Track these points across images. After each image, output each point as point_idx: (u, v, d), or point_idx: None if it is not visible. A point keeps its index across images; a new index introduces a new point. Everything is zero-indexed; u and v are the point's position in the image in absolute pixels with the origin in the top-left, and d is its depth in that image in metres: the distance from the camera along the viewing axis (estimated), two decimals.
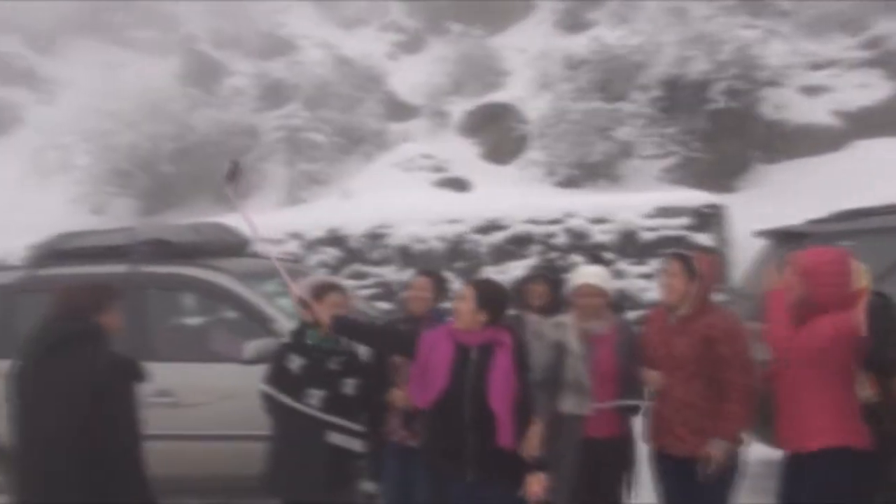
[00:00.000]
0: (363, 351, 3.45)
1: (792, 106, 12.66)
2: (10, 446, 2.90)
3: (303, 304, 3.28)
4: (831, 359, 2.89)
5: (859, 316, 2.80)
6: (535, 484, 2.87)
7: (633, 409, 3.32)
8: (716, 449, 3.04)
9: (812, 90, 12.98)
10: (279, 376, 3.29)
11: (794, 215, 6.22)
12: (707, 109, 11.75)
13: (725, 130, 11.94)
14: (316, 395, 3.21)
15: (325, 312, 3.22)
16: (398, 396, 3.36)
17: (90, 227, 7.37)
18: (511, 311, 3.50)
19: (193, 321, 5.25)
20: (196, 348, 4.94)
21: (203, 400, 4.33)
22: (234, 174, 4.12)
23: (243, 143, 13.24)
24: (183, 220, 10.17)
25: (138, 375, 2.87)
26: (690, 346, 3.11)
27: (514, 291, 3.92)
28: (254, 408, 4.25)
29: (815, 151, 12.21)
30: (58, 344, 2.71)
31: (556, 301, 3.84)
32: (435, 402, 2.95)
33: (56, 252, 4.86)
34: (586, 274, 3.38)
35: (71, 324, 2.77)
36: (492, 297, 3.00)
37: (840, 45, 13.38)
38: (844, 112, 12.62)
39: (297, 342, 3.34)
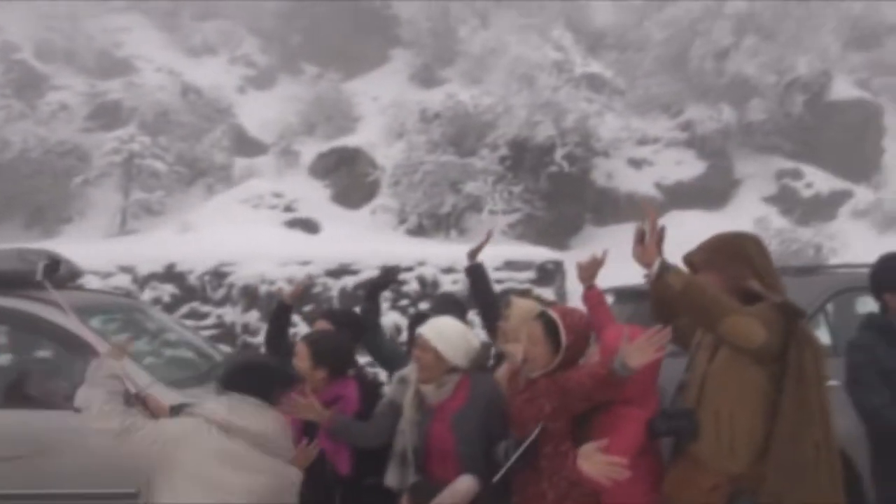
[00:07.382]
0: None
1: (620, 175, 13.92)
2: None
3: (136, 399, 2.88)
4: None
5: None
6: None
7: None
8: None
9: (637, 163, 14.38)
10: None
11: (620, 277, 6.75)
12: (549, 172, 12.54)
13: (563, 193, 12.82)
14: None
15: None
16: None
17: None
18: None
19: (8, 360, 4.55)
20: (9, 391, 4.26)
21: (15, 453, 3.72)
22: (52, 268, 3.77)
23: (69, 163, 12.06)
24: None
25: None
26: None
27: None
28: (79, 462, 3.77)
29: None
30: None
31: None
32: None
33: None
34: (428, 323, 2.62)
35: None
36: (328, 351, 2.76)
37: (662, 126, 14.99)
38: (663, 185, 14.09)
39: None
